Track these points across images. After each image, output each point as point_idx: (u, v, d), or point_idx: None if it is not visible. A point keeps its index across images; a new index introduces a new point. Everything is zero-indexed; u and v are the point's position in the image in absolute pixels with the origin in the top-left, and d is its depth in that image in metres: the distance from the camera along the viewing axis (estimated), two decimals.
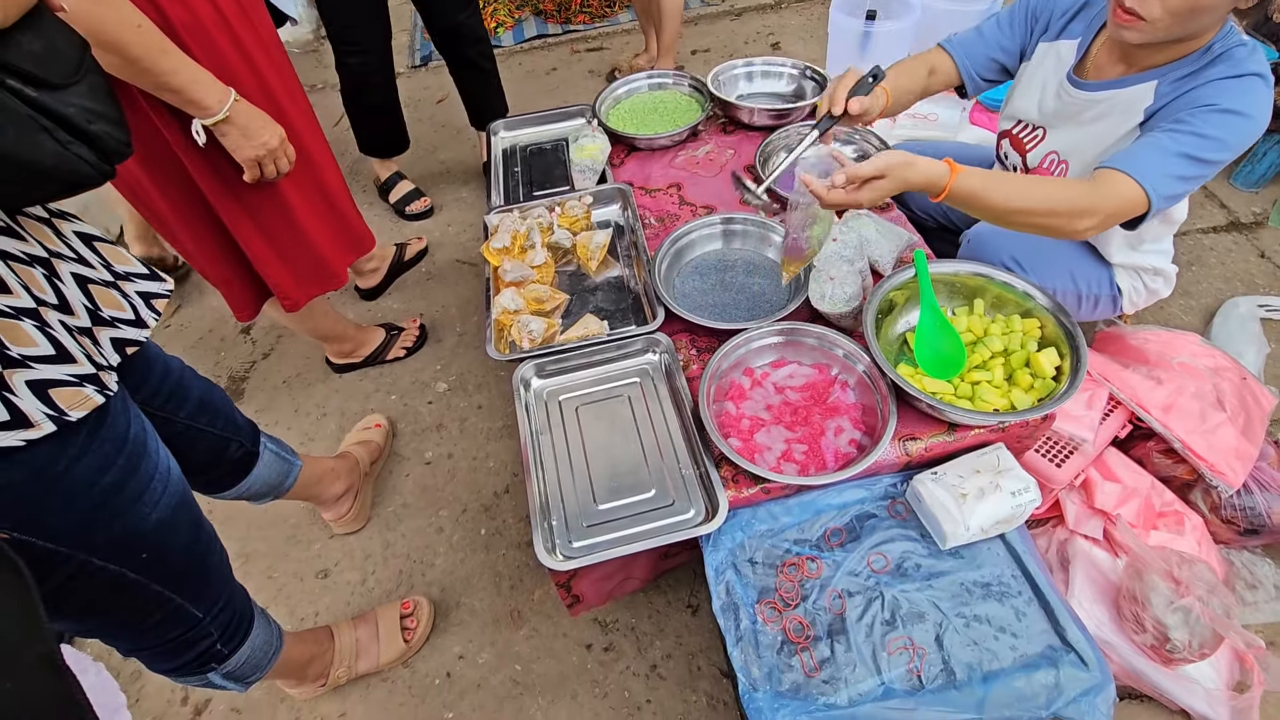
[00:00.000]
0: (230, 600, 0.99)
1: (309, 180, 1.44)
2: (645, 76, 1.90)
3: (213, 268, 1.41)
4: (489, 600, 1.51)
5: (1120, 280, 1.37)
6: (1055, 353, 1.14)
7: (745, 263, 1.44)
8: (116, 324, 0.80)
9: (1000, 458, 1.11)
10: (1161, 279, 1.37)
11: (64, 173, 0.64)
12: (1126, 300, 1.40)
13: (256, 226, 1.37)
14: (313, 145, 1.43)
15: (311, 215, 1.46)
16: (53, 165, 0.62)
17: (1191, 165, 1.03)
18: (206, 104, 1.08)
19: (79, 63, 0.65)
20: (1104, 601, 1.23)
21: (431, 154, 2.78)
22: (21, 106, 0.59)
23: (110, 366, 0.76)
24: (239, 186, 1.28)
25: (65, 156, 0.63)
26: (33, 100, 0.60)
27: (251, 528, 1.70)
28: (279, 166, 1.24)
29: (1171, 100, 1.10)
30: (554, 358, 1.28)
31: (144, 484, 0.80)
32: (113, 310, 0.80)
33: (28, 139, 0.60)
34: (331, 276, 1.56)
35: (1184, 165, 1.03)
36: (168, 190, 1.26)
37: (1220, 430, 1.30)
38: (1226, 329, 1.72)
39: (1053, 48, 1.29)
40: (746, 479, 1.11)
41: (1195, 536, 1.29)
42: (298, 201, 1.41)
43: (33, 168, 0.61)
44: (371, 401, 1.94)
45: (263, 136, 1.17)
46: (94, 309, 0.77)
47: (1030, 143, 1.34)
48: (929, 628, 1.00)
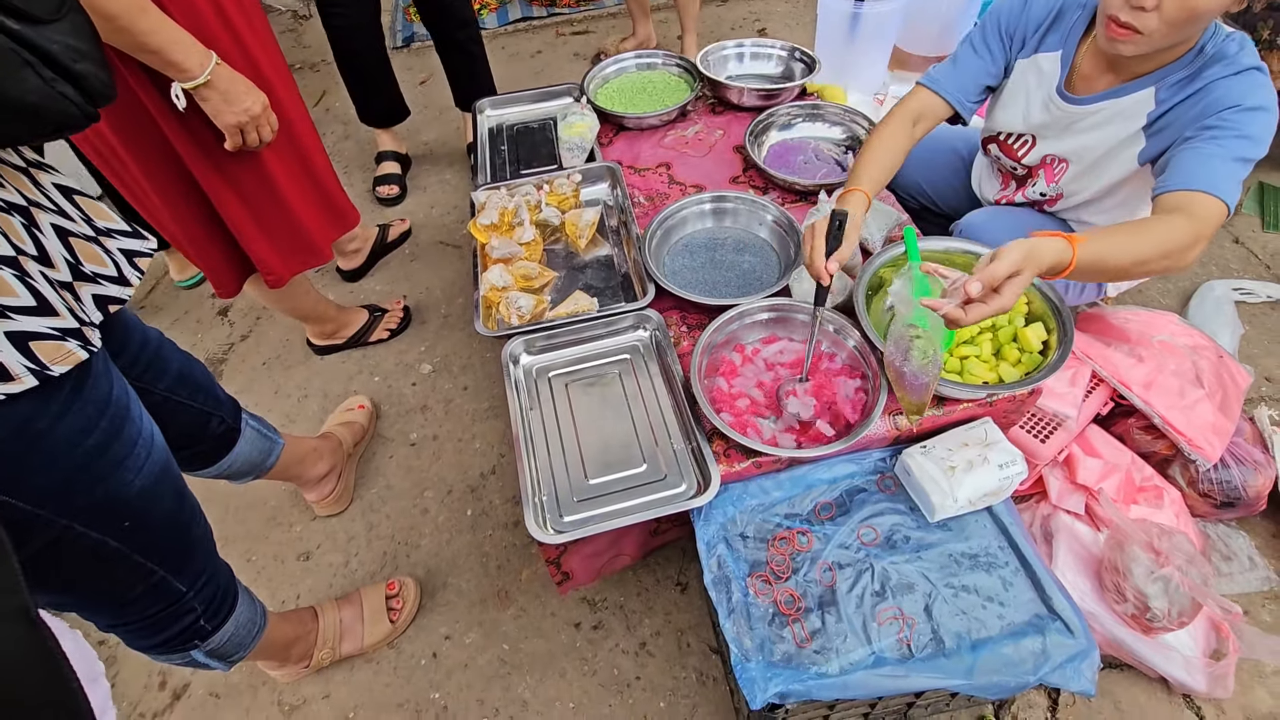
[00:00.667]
0: (214, 575, 0.97)
1: (291, 152, 1.40)
2: (634, 56, 1.88)
3: (193, 242, 1.37)
4: (476, 581, 1.49)
5: None
6: (1042, 327, 1.16)
7: (735, 241, 1.43)
8: (99, 280, 0.77)
9: (988, 431, 1.12)
10: None
11: (50, 111, 0.61)
12: (1111, 287, 1.42)
13: (239, 198, 1.33)
14: (295, 117, 1.39)
15: (294, 188, 1.43)
16: (37, 102, 0.60)
17: (1243, 166, 1.04)
18: (186, 66, 1.05)
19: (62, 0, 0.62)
20: (1086, 573, 1.26)
21: (414, 135, 2.74)
22: (4, 39, 0.57)
23: (92, 322, 0.74)
24: (221, 156, 1.25)
25: (50, 94, 0.61)
26: (15, 33, 0.58)
27: (229, 510, 1.66)
28: (261, 134, 1.21)
29: (1177, 103, 1.10)
30: (544, 334, 1.27)
31: (127, 448, 0.77)
32: (94, 265, 0.77)
33: (12, 74, 0.57)
34: (315, 251, 1.53)
35: (1240, 168, 1.03)
36: (145, 159, 1.22)
37: (1199, 406, 1.33)
38: (1203, 310, 1.76)
39: (1032, 63, 1.26)
40: (738, 453, 1.11)
41: (1174, 510, 1.31)
42: (280, 173, 1.37)
43: (17, 104, 0.59)
44: (354, 383, 1.91)
45: (245, 102, 1.14)
46: (75, 262, 0.74)
47: (1021, 149, 1.34)
48: (918, 598, 1.01)
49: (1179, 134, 1.09)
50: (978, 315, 0.90)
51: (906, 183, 1.65)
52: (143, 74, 1.10)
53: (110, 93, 0.69)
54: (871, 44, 1.99)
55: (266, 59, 1.29)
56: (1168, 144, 1.12)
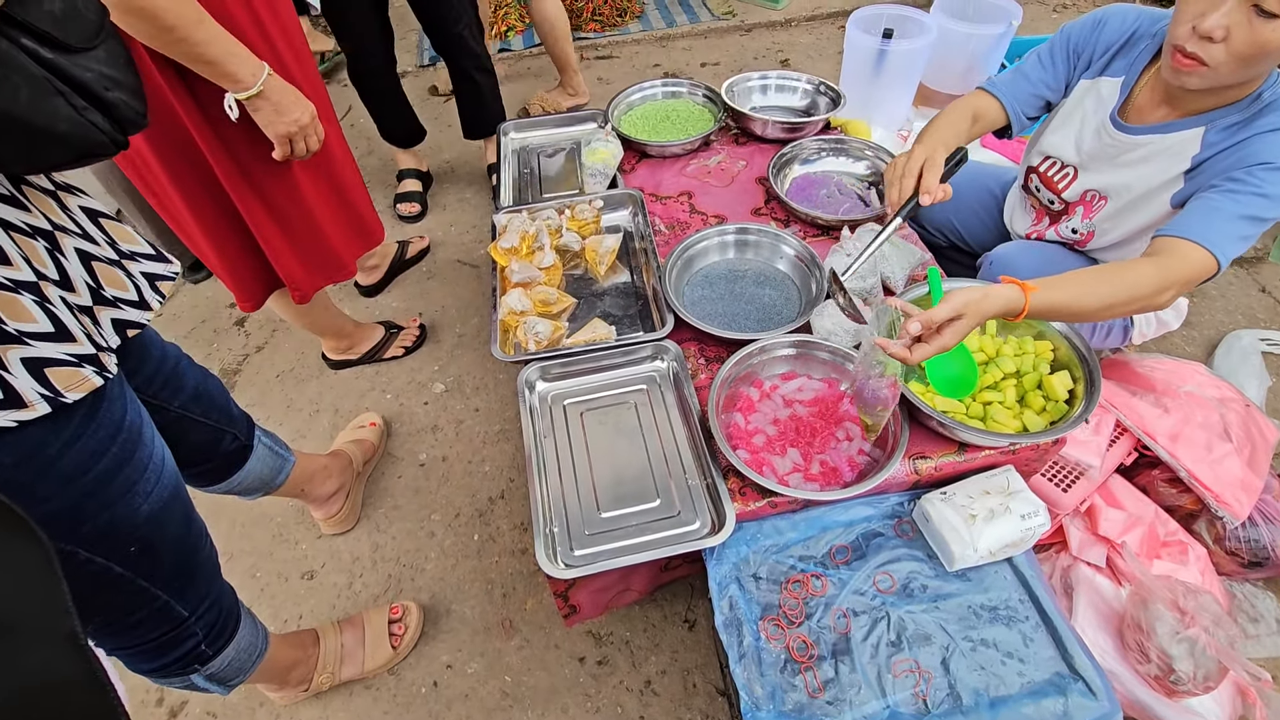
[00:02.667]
0: (218, 599, 0.95)
1: (322, 169, 1.43)
2: (660, 84, 1.90)
3: (221, 255, 1.38)
4: (480, 608, 1.47)
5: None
6: (1068, 376, 1.13)
7: (756, 273, 1.42)
8: (119, 304, 0.77)
9: (1010, 480, 1.10)
10: (1173, 311, 1.37)
11: (77, 140, 0.61)
12: (1137, 330, 1.39)
13: (270, 213, 1.35)
14: (328, 133, 1.41)
15: (323, 204, 1.45)
16: (66, 131, 0.60)
17: (1252, 225, 1.02)
18: (240, 77, 1.06)
19: (99, 27, 0.63)
20: (1107, 630, 1.22)
21: (437, 154, 2.77)
22: (37, 68, 0.57)
23: (110, 348, 0.73)
24: (253, 171, 1.27)
25: (79, 123, 0.61)
26: (49, 62, 0.58)
27: (236, 525, 1.65)
28: (309, 144, 1.22)
29: (1220, 150, 1.08)
30: (560, 361, 1.26)
31: (137, 474, 0.76)
32: (116, 290, 0.77)
33: (42, 103, 0.58)
34: (341, 267, 1.54)
35: (1245, 226, 1.01)
36: (177, 172, 1.23)
37: (1226, 461, 1.30)
38: (1229, 361, 1.73)
39: (1094, 85, 1.25)
40: (754, 492, 1.09)
41: (1199, 567, 1.28)
42: (310, 189, 1.39)
43: (45, 133, 0.59)
44: (367, 400, 1.91)
45: (294, 113, 1.15)
46: (96, 287, 0.74)
47: (1062, 182, 1.32)
48: (935, 650, 0.98)
49: (1208, 181, 1.07)
50: (921, 355, 0.95)
51: (938, 220, 1.64)
52: (182, 88, 1.12)
53: (142, 121, 0.69)
54: (897, 80, 1.99)
55: (303, 76, 1.30)
56: (1196, 189, 1.10)
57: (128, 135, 0.68)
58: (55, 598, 0.44)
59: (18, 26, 0.56)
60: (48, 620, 0.44)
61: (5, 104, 0.55)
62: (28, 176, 0.71)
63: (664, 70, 3.19)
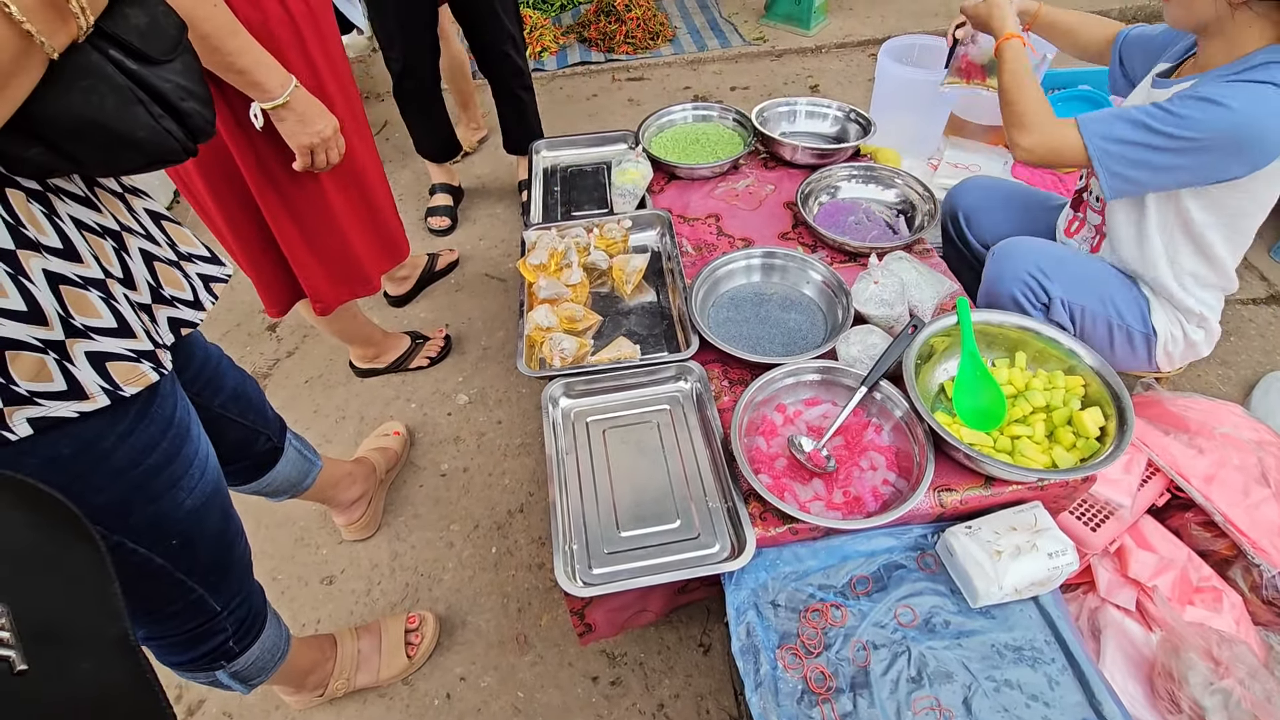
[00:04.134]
0: (249, 596, 0.97)
1: (352, 183, 1.45)
2: (692, 107, 1.92)
3: (250, 260, 1.42)
4: (495, 622, 1.47)
5: (1156, 320, 1.33)
6: (1100, 413, 1.11)
7: (782, 298, 1.42)
8: (175, 303, 0.80)
9: (1038, 517, 1.08)
10: (1203, 332, 1.33)
11: (153, 145, 0.65)
12: (1161, 348, 1.35)
13: (296, 224, 1.38)
14: (360, 150, 1.45)
15: (352, 219, 1.47)
16: (144, 137, 0.63)
17: (1135, 129, 1.11)
18: (269, 87, 1.09)
19: (177, 41, 0.66)
20: (1137, 676, 1.18)
21: (468, 168, 2.82)
22: (122, 78, 0.60)
23: (166, 345, 0.76)
24: (284, 183, 1.30)
25: (156, 130, 0.64)
26: (132, 73, 0.61)
27: (260, 527, 1.68)
28: (330, 157, 1.25)
29: None
30: (584, 378, 1.27)
31: (184, 468, 0.79)
32: (173, 289, 0.80)
33: (124, 110, 0.61)
34: (365, 282, 1.57)
35: (1128, 128, 1.11)
36: (211, 178, 1.28)
37: (1264, 506, 1.26)
38: (1267, 403, 1.68)
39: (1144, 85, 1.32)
40: (775, 517, 1.08)
41: (1234, 615, 1.24)
42: (339, 204, 1.42)
43: (126, 138, 0.62)
44: (391, 408, 1.93)
45: (318, 125, 1.19)
46: (156, 286, 0.77)
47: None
48: (957, 689, 0.96)
49: None
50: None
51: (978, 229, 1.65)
52: (219, 98, 1.16)
53: (211, 129, 0.72)
54: (928, 110, 1.99)
55: (340, 93, 1.34)
56: None
57: (198, 143, 0.71)
58: (107, 600, 0.45)
59: (107, 39, 0.59)
60: (99, 624, 0.45)
61: (93, 111, 0.59)
62: (101, 178, 0.75)
63: (694, 93, 3.23)
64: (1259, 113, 1.05)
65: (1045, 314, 1.34)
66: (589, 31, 3.54)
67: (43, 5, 0.51)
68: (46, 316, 0.61)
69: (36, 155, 0.59)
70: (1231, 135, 1.06)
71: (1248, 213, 1.19)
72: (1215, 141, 1.07)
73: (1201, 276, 1.28)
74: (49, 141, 0.59)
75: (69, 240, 0.65)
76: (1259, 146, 1.07)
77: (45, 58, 0.53)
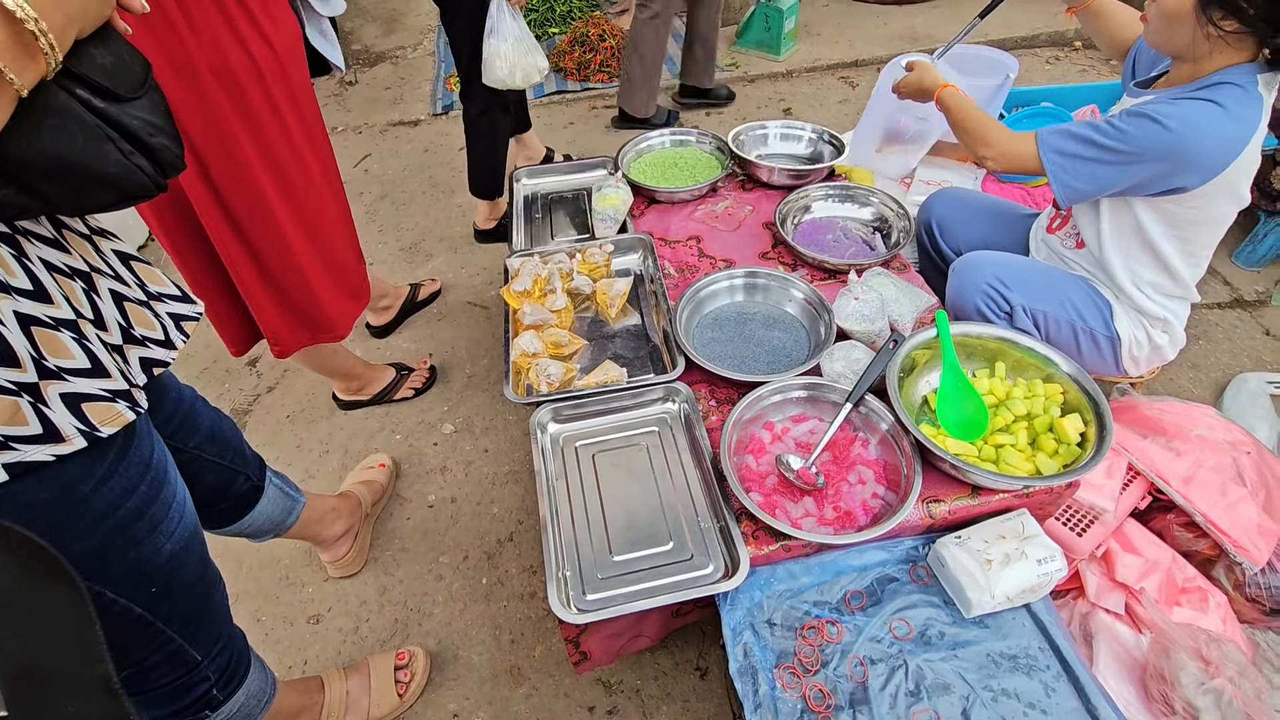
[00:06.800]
0: (229, 642, 0.94)
1: (320, 227, 1.45)
2: (669, 132, 1.95)
3: (206, 300, 1.40)
4: (488, 654, 1.45)
5: (1119, 324, 1.37)
6: (1079, 419, 1.14)
7: (765, 316, 1.44)
8: (147, 343, 0.79)
9: (1025, 524, 1.09)
10: (1167, 337, 1.37)
11: (124, 182, 0.64)
12: (1126, 351, 1.39)
13: (254, 264, 1.37)
14: (327, 194, 1.45)
15: (313, 261, 1.46)
16: (115, 174, 0.63)
17: (1082, 144, 1.20)
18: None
19: (143, 79, 0.67)
20: (1130, 680, 1.19)
21: (449, 197, 2.83)
22: (90, 116, 0.60)
23: (139, 385, 0.75)
24: (241, 221, 1.30)
25: (127, 166, 0.64)
26: (100, 110, 0.61)
27: (242, 567, 1.64)
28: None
29: None
30: (572, 403, 1.27)
31: (162, 512, 0.77)
32: (144, 329, 0.79)
33: (95, 147, 0.61)
34: (326, 326, 1.54)
35: (1076, 142, 1.20)
36: (164, 218, 1.28)
37: (1241, 505, 1.29)
38: (1237, 404, 1.73)
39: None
40: (767, 535, 1.08)
41: (1220, 614, 1.25)
42: (298, 245, 1.41)
43: (97, 175, 0.62)
44: (376, 440, 1.91)
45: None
46: (127, 326, 0.77)
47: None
48: (955, 701, 0.96)
49: None
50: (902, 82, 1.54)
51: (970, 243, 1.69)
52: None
53: (180, 164, 0.72)
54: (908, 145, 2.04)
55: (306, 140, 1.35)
56: None
57: (168, 177, 0.71)
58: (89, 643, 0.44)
59: (73, 78, 0.60)
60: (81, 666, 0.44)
61: (63, 149, 0.59)
62: (68, 220, 0.74)
63: None
64: (1195, 131, 1.10)
65: (1009, 322, 1.38)
66: (564, 61, 3.59)
67: (12, 43, 0.51)
68: (19, 358, 0.61)
69: (7, 195, 0.59)
70: (1168, 151, 1.12)
71: (1199, 224, 1.23)
72: (1153, 156, 1.14)
73: (1161, 286, 1.32)
74: (20, 182, 0.59)
75: (39, 282, 0.64)
76: (1198, 162, 1.13)
77: (15, 95, 0.53)
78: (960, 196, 1.74)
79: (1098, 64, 3.49)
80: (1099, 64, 3.49)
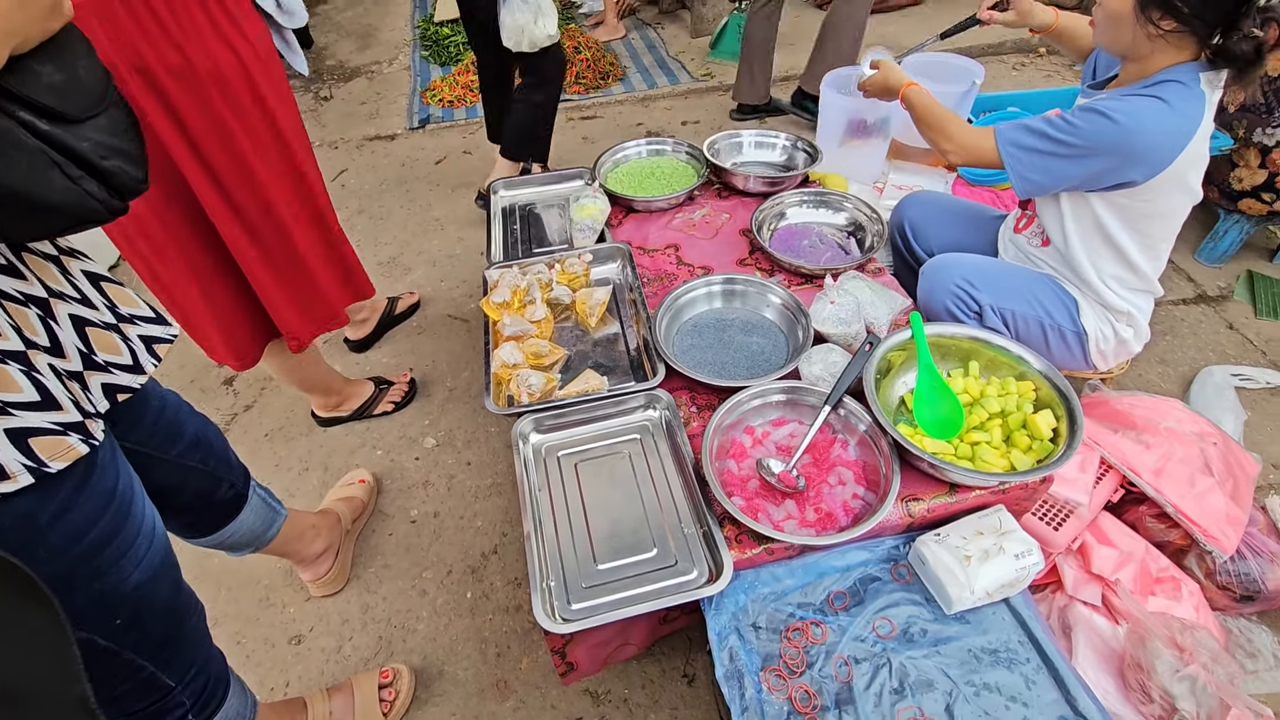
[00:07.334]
0: (205, 665, 0.93)
1: (315, 220, 1.48)
2: (645, 142, 1.97)
3: (216, 314, 1.41)
4: (474, 669, 1.43)
5: (1085, 319, 1.40)
6: (1051, 415, 1.16)
7: (744, 322, 1.46)
8: (110, 369, 0.77)
9: (1002, 519, 1.11)
10: (1132, 330, 1.41)
11: (72, 208, 0.62)
12: (1094, 346, 1.42)
13: (263, 255, 1.38)
14: (318, 188, 1.47)
15: (314, 248, 1.49)
16: (60, 200, 0.60)
17: (1037, 138, 1.25)
18: None
19: (100, 95, 0.64)
20: (1108, 670, 1.21)
21: (426, 210, 2.83)
22: (32, 140, 0.58)
23: (98, 414, 0.73)
24: (247, 212, 1.31)
25: (74, 191, 0.61)
26: (45, 134, 0.59)
27: (221, 588, 1.61)
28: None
29: None
30: (553, 413, 1.27)
31: (129, 542, 0.75)
32: (108, 354, 0.78)
33: (38, 173, 0.58)
34: (334, 315, 1.58)
35: (1032, 136, 1.26)
36: (170, 222, 1.27)
37: (1209, 495, 1.32)
38: (1204, 396, 1.78)
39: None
40: (750, 539, 1.09)
41: (1193, 603, 1.28)
42: (305, 241, 1.44)
43: (40, 203, 0.59)
44: (356, 456, 1.89)
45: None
46: (88, 352, 0.75)
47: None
48: (939, 697, 0.97)
49: None
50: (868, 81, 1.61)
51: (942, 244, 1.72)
52: (184, 146, 1.16)
53: (140, 187, 0.69)
54: (870, 138, 2.09)
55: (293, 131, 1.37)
56: None
57: (126, 201, 0.68)
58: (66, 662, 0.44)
59: (15, 100, 0.57)
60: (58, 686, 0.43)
61: (3, 176, 0.56)
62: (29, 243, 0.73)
63: (647, 129, 3.32)
64: (1142, 125, 1.15)
65: (979, 321, 1.41)
66: None
67: None
68: None
69: None
70: (1117, 145, 1.17)
71: (1152, 218, 1.28)
72: (1103, 149, 1.19)
73: (1125, 280, 1.36)
74: None
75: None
76: (1145, 155, 1.18)
77: None
78: (932, 200, 1.78)
79: (1062, 69, 3.59)
80: (1063, 69, 3.58)
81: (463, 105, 3.55)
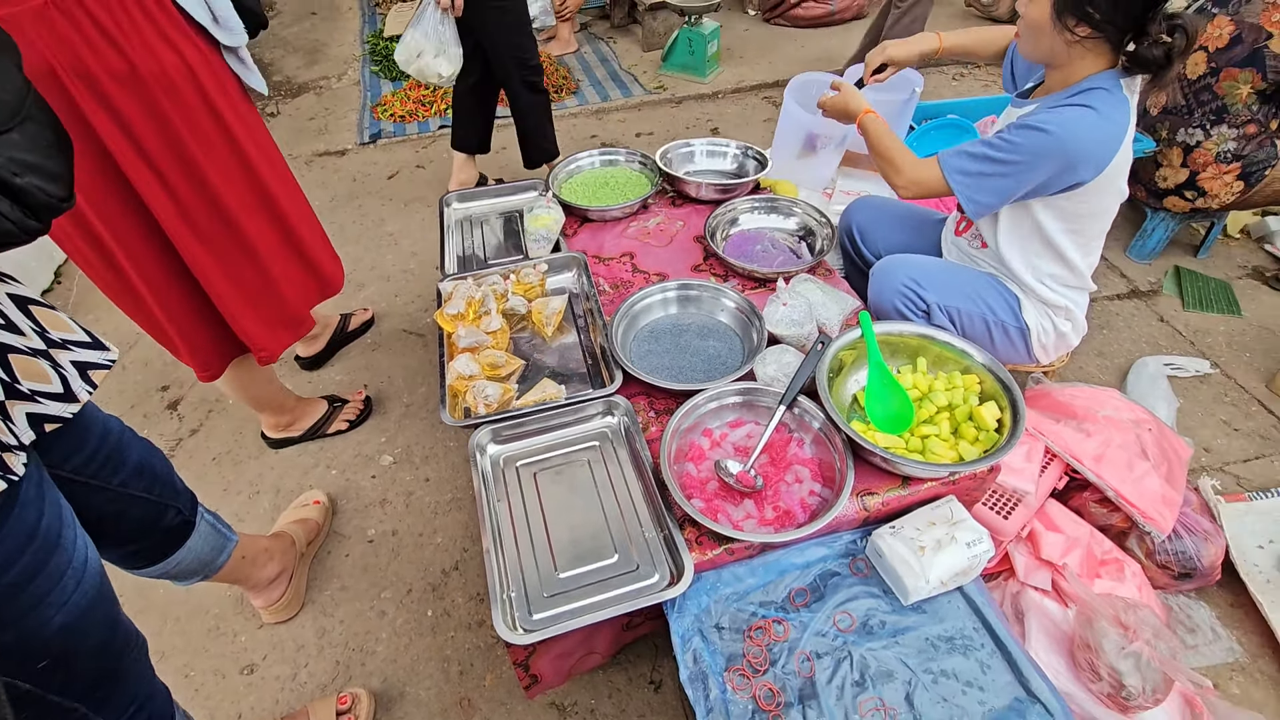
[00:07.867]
0: (147, 702, 0.88)
1: (274, 225, 1.44)
2: (599, 153, 1.98)
3: (176, 325, 1.37)
4: (436, 689, 1.40)
5: (1027, 315, 1.46)
6: (995, 406, 1.20)
7: (699, 326, 1.47)
8: (36, 398, 0.73)
9: (953, 510, 1.14)
10: (1070, 324, 1.47)
11: None
12: (1035, 340, 1.48)
13: (223, 269, 1.35)
14: (280, 191, 1.44)
15: (277, 260, 1.46)
16: None
17: (980, 162, 1.30)
18: None
19: (15, 110, 0.60)
20: (1060, 651, 1.25)
21: (379, 226, 2.78)
22: None
23: (19, 446, 0.69)
24: (199, 222, 1.28)
25: None
26: None
27: (167, 619, 1.54)
28: None
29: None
30: (511, 423, 1.26)
31: (52, 583, 0.71)
32: (34, 382, 0.73)
33: None
34: (300, 321, 1.55)
35: (975, 161, 1.30)
36: (128, 241, 1.23)
37: (1147, 479, 1.38)
38: (1139, 386, 1.86)
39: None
40: (710, 540, 1.09)
41: (1136, 583, 1.34)
42: (264, 247, 1.41)
43: None
44: (310, 477, 1.84)
45: None
46: (10, 381, 0.70)
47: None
48: (899, 686, 0.99)
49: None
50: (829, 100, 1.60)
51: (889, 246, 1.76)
52: (139, 160, 1.13)
53: (60, 205, 0.65)
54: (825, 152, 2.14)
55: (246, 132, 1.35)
56: None
57: (44, 220, 0.64)
58: None
59: None
60: None
61: None
62: None
63: (601, 141, 3.33)
64: (1075, 134, 1.21)
65: (927, 320, 1.45)
66: None
67: None
68: None
69: None
70: (1055, 154, 1.22)
71: (1087, 217, 1.34)
72: (1043, 160, 1.23)
73: (1061, 278, 1.42)
74: None
75: None
76: (1083, 160, 1.23)
77: None
78: (878, 204, 1.83)
79: (998, 79, 3.74)
80: (999, 80, 3.74)
81: (415, 120, 3.51)
